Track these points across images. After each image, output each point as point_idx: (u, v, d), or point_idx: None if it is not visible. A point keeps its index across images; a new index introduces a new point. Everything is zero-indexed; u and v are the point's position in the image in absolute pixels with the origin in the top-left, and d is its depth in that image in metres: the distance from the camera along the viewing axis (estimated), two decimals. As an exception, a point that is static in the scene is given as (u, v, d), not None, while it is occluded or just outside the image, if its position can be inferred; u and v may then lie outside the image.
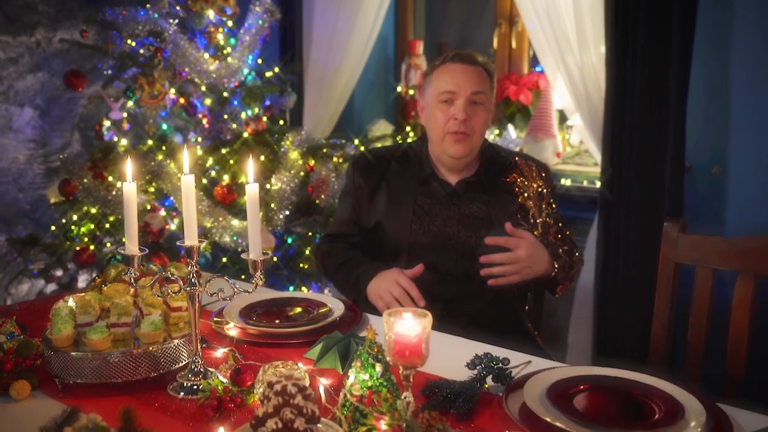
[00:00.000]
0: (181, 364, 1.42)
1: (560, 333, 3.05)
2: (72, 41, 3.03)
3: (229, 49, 2.87)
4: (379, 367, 1.21)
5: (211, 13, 2.81)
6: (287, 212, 2.74)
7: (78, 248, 2.70)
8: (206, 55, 2.77)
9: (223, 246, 2.67)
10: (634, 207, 2.68)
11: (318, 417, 1.14)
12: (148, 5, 2.78)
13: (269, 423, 1.09)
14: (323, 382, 1.37)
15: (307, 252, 2.83)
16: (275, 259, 2.67)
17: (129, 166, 1.34)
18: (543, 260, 1.88)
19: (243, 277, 2.76)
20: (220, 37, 2.86)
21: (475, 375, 1.35)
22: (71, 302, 1.45)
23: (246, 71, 2.89)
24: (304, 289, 2.90)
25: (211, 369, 1.40)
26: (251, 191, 1.32)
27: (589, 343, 2.83)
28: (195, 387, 1.34)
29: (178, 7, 2.80)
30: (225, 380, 1.32)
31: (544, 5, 2.86)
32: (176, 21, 2.78)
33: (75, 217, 2.82)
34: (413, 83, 3.75)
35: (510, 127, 3.34)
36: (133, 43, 2.72)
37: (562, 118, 3.27)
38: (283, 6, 3.68)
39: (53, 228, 3.00)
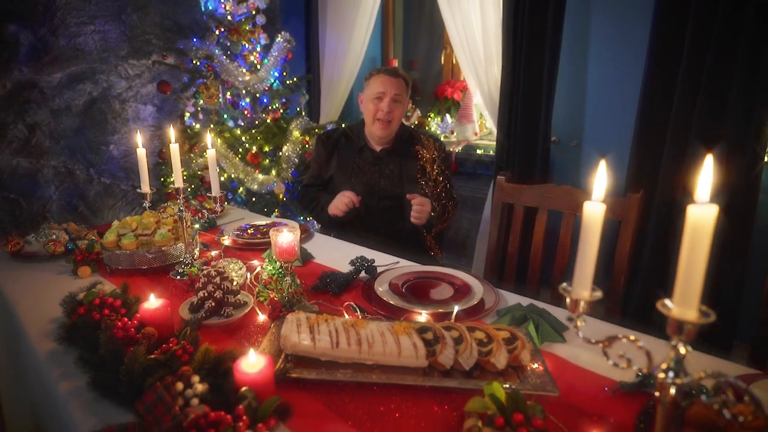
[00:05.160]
0: (181, 259, 1.48)
1: (468, 249, 3.05)
2: (160, 62, 3.05)
3: (259, 66, 2.86)
4: (279, 262, 1.25)
5: (245, 43, 2.79)
6: (293, 170, 2.76)
7: (168, 191, 2.80)
8: (244, 70, 2.77)
9: (252, 191, 2.72)
10: (517, 169, 2.63)
11: (234, 291, 1.19)
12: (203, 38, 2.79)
13: (200, 293, 1.16)
14: (260, 270, 1.42)
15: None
16: (285, 199, 2.70)
17: (139, 138, 1.38)
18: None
19: (265, 209, 2.82)
20: (253, 58, 2.84)
21: (352, 269, 1.39)
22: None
23: (272, 80, 2.88)
24: (309, 218, 2.93)
25: (196, 262, 1.45)
26: (210, 155, 1.34)
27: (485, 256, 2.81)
28: (184, 273, 1.42)
29: (222, 40, 2.79)
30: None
31: (464, 35, 2.75)
32: (223, 48, 2.78)
33: (167, 173, 2.91)
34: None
35: (447, 115, 3.26)
36: (198, 63, 2.73)
37: (480, 110, 3.18)
38: (307, 35, 3.64)
39: (161, 179, 3.12)
